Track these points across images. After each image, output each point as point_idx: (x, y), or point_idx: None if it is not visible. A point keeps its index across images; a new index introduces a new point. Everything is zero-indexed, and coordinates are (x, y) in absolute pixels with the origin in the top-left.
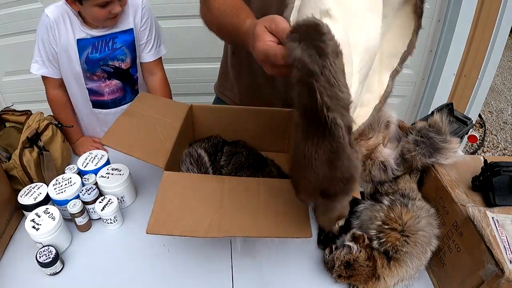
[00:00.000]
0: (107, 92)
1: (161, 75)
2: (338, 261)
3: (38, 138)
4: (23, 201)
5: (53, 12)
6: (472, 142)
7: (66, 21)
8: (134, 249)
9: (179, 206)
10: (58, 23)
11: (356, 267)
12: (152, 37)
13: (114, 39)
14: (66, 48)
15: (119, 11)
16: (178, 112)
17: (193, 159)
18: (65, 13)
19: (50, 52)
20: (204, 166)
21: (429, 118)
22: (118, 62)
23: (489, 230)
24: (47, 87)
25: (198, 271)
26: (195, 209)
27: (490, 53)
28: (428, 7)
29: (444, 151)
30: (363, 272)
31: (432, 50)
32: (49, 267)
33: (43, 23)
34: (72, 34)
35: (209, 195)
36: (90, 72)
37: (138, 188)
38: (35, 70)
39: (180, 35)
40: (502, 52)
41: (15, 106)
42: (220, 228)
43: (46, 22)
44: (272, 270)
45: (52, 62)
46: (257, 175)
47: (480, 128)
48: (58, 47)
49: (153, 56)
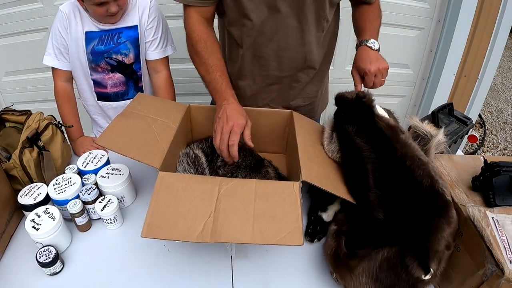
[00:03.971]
0: (110, 84)
1: (165, 73)
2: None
3: (38, 138)
4: (23, 201)
5: (66, 8)
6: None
7: (77, 15)
8: (134, 249)
9: (173, 208)
10: (70, 16)
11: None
12: (158, 36)
13: (119, 34)
14: (76, 39)
15: (116, 11)
16: (176, 112)
17: (190, 159)
18: (76, 8)
19: (61, 43)
20: (201, 167)
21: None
22: (122, 56)
23: (489, 230)
24: (55, 78)
25: (198, 271)
26: (189, 212)
27: (490, 53)
28: (428, 7)
29: (432, 149)
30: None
31: (432, 50)
32: (49, 267)
33: (57, 17)
34: (81, 27)
35: (203, 197)
36: (95, 63)
37: (138, 188)
38: (47, 62)
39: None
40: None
41: (15, 106)
42: (213, 233)
43: (59, 16)
44: (272, 270)
45: (63, 54)
46: (253, 176)
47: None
48: (68, 39)
49: (158, 55)
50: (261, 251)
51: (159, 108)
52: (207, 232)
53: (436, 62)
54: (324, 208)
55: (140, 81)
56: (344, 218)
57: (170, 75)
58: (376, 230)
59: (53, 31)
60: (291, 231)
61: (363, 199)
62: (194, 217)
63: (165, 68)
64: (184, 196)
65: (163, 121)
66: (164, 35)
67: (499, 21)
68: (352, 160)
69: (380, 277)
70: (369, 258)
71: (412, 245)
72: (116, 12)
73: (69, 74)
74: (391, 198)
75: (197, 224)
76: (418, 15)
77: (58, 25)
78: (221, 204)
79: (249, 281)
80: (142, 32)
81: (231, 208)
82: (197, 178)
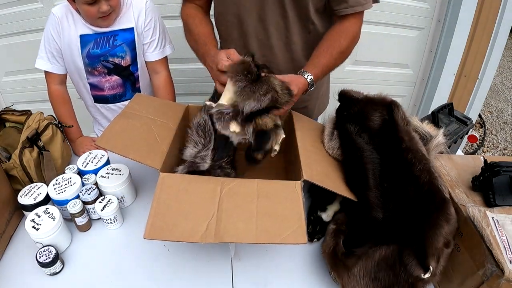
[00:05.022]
0: (107, 87)
1: (165, 74)
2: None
3: (38, 138)
4: (23, 201)
5: (58, 11)
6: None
7: (70, 18)
8: (134, 249)
9: (175, 209)
10: (62, 20)
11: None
12: (156, 37)
13: (115, 37)
14: (69, 43)
15: (107, 10)
16: (174, 113)
17: (201, 128)
18: (69, 11)
19: (54, 47)
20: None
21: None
22: (118, 59)
23: (489, 230)
24: (48, 81)
25: (198, 271)
26: (192, 213)
27: (490, 53)
28: (428, 7)
29: (432, 150)
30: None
31: (432, 50)
32: (49, 267)
33: (49, 21)
34: (75, 30)
35: (206, 197)
36: (91, 67)
37: (138, 188)
38: (40, 65)
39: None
40: (502, 52)
41: (15, 106)
42: (217, 233)
43: (51, 19)
44: (272, 270)
45: (56, 58)
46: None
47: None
48: (61, 42)
49: (157, 56)
50: (261, 251)
51: (157, 109)
52: (211, 232)
53: (436, 62)
54: (323, 208)
55: (137, 82)
56: (343, 218)
57: (170, 75)
58: (374, 229)
59: (46, 34)
60: (295, 230)
61: (363, 199)
62: (197, 217)
63: (165, 69)
64: (186, 196)
65: (162, 121)
66: (162, 36)
67: (499, 21)
68: (352, 160)
69: (379, 276)
70: (367, 257)
71: (410, 243)
72: (108, 12)
73: (62, 77)
74: (390, 196)
75: (200, 224)
76: (418, 15)
77: (51, 28)
78: (224, 204)
79: (249, 281)
80: (139, 34)
81: (234, 208)
82: (199, 178)
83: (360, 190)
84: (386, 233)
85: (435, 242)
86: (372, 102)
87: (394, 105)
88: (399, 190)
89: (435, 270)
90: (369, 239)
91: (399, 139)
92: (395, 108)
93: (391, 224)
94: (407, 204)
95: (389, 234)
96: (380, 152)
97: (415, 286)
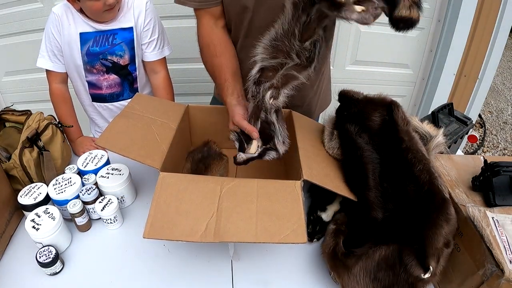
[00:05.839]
0: (105, 86)
1: (164, 74)
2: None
3: (38, 138)
4: (23, 201)
5: (58, 9)
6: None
7: (69, 16)
8: (134, 249)
9: (175, 208)
10: (62, 18)
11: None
12: (155, 38)
13: (114, 35)
14: (69, 41)
15: (113, 2)
16: (174, 112)
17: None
18: (68, 10)
19: (54, 45)
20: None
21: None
22: (117, 58)
23: (489, 230)
24: (50, 80)
25: (198, 271)
26: (192, 212)
27: (490, 53)
28: (428, 7)
29: (432, 150)
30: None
31: (432, 50)
32: (49, 267)
33: (49, 19)
34: (74, 28)
35: (206, 197)
36: (90, 65)
37: (138, 188)
38: (41, 64)
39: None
40: (502, 52)
41: (15, 106)
42: (216, 232)
43: (52, 18)
44: (272, 270)
45: (57, 56)
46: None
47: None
48: (61, 40)
49: (156, 56)
50: (261, 251)
51: (157, 108)
52: (210, 232)
53: (436, 62)
54: (323, 208)
55: (135, 82)
56: (343, 218)
57: (169, 75)
58: (374, 229)
59: (46, 33)
60: (295, 229)
61: (363, 199)
62: (197, 217)
63: (163, 69)
64: (185, 196)
65: (162, 121)
66: (161, 36)
67: (499, 21)
68: (352, 160)
69: (378, 276)
70: (367, 257)
71: (410, 243)
72: (114, 4)
73: (64, 75)
74: (390, 196)
75: (199, 224)
76: None
77: (51, 27)
78: (224, 203)
79: (249, 281)
80: (138, 34)
81: (234, 208)
82: (199, 178)
83: (360, 190)
84: (386, 233)
85: (435, 242)
86: (372, 102)
87: (394, 105)
88: (399, 190)
89: (435, 270)
90: (369, 239)
91: (399, 139)
92: (395, 108)
93: (391, 224)
94: (407, 204)
95: (389, 234)
96: (380, 152)
97: (415, 286)
